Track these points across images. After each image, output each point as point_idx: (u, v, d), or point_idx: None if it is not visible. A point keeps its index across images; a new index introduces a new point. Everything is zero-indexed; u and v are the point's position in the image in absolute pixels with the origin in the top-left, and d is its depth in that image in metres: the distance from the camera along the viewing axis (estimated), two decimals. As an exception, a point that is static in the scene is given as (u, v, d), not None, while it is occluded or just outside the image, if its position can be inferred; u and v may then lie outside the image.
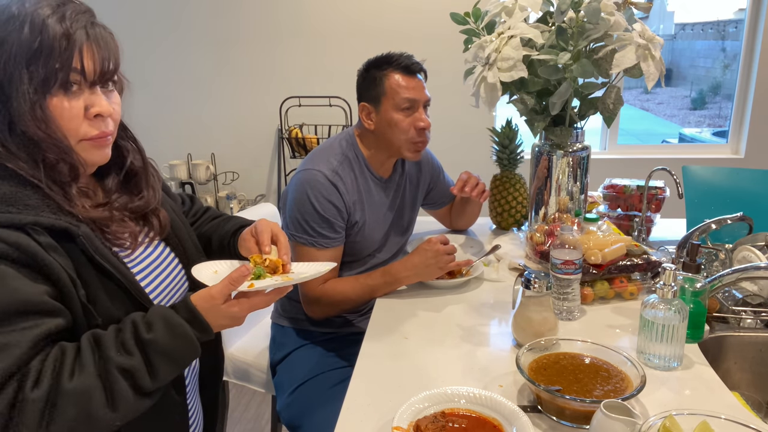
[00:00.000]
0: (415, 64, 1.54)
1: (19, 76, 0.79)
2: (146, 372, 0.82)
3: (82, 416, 0.76)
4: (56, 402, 0.74)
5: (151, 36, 3.24)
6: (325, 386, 1.46)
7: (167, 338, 0.84)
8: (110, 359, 0.79)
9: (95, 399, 0.77)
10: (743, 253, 1.38)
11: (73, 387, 0.76)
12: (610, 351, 1.03)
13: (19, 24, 0.79)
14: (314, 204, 1.46)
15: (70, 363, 0.77)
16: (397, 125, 1.52)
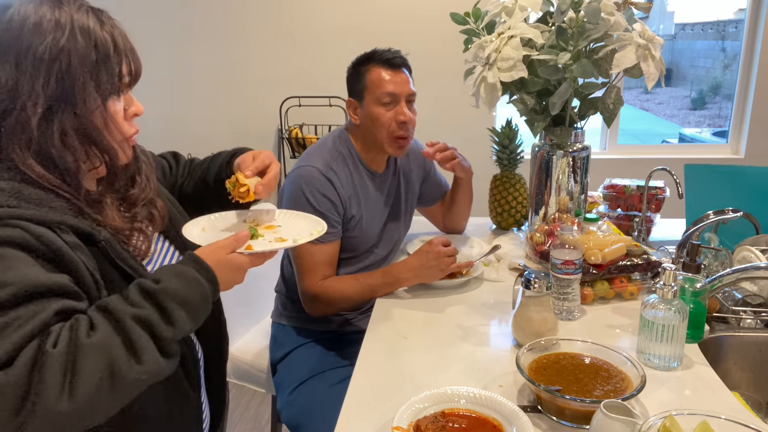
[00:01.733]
0: (398, 58, 1.53)
1: (83, 85, 0.82)
2: (161, 320, 0.80)
3: (106, 371, 0.74)
4: (77, 357, 0.72)
5: (151, 36, 3.24)
6: (325, 385, 1.46)
7: (176, 283, 0.83)
8: (123, 312, 0.78)
9: (116, 351, 0.75)
10: (743, 254, 1.38)
11: (92, 342, 0.74)
12: (610, 351, 1.03)
13: (69, 33, 0.81)
14: (309, 199, 1.47)
15: (85, 325, 0.76)
16: (378, 119, 1.52)
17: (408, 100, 1.55)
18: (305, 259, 1.49)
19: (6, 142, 0.81)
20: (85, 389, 0.71)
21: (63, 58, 0.80)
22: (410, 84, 1.55)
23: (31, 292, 0.73)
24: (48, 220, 0.79)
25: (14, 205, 0.77)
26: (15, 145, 0.81)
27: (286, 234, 1.06)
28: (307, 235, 1.04)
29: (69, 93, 0.81)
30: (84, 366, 0.72)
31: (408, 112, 1.53)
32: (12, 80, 0.79)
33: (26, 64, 0.79)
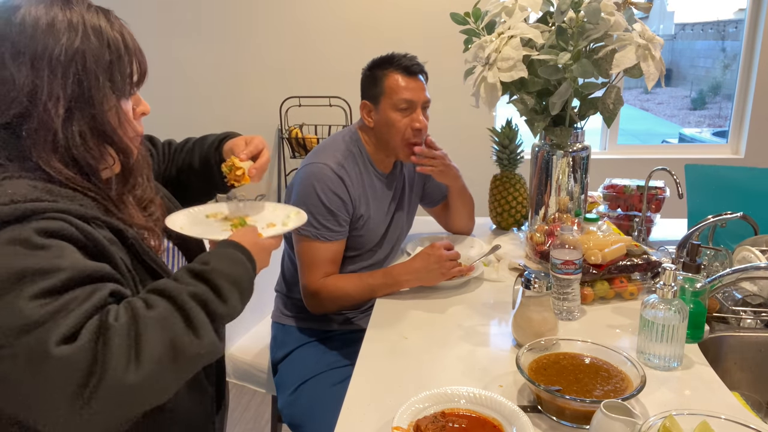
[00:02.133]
0: (416, 65, 1.54)
1: (99, 85, 0.83)
2: (216, 298, 0.82)
3: (168, 344, 0.74)
4: (139, 330, 0.73)
5: (151, 35, 3.24)
6: (326, 385, 1.46)
7: (225, 265, 0.86)
8: (179, 290, 0.80)
9: (176, 325, 0.76)
10: (743, 254, 1.38)
11: (152, 315, 0.75)
12: (610, 351, 1.03)
13: (83, 33, 0.82)
14: (320, 196, 1.47)
15: (140, 302, 0.77)
16: (394, 125, 1.53)
17: (423, 106, 1.56)
18: (309, 255, 1.49)
19: (30, 145, 0.81)
20: (150, 361, 0.72)
21: (78, 59, 0.81)
22: (426, 91, 1.56)
23: (83, 277, 0.74)
24: (86, 215, 0.80)
25: (52, 200, 0.77)
26: (40, 147, 0.81)
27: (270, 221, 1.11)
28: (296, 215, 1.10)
29: (86, 93, 0.82)
30: (147, 338, 0.73)
31: (423, 119, 1.55)
32: (29, 82, 0.79)
33: (42, 66, 0.79)
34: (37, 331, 0.67)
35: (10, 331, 0.67)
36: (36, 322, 0.67)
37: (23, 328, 0.67)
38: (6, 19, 0.79)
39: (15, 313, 0.67)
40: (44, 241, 0.72)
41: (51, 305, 0.69)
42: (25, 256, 0.70)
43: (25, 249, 0.70)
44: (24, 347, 0.67)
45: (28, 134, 0.80)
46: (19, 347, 0.67)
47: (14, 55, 0.79)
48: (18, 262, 0.69)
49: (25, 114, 0.80)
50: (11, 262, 0.69)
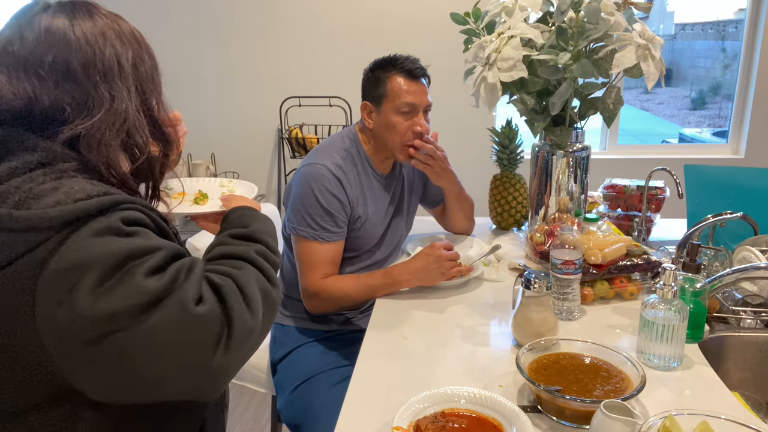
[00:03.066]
0: (419, 69, 1.54)
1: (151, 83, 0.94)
2: (269, 251, 0.93)
3: (262, 293, 0.84)
4: (241, 285, 0.81)
5: (151, 35, 3.23)
6: (325, 385, 1.46)
7: (260, 224, 0.98)
8: (245, 250, 0.90)
9: (260, 278, 0.86)
10: (743, 254, 1.38)
11: (243, 273, 0.84)
12: (610, 351, 1.03)
13: (127, 40, 0.89)
14: (318, 197, 1.47)
15: (224, 267, 0.85)
16: (395, 127, 1.53)
17: (425, 110, 1.56)
18: (308, 256, 1.49)
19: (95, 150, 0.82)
20: (257, 309, 0.82)
21: (139, 65, 0.89)
22: (428, 95, 1.56)
23: (176, 254, 0.80)
24: (145, 204, 0.84)
25: (117, 192, 0.80)
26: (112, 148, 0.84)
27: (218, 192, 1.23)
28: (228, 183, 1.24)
29: (145, 95, 0.90)
30: (250, 291, 0.82)
31: (424, 123, 1.55)
32: (106, 92, 0.83)
33: (114, 75, 0.85)
34: (169, 299, 0.73)
35: (139, 309, 0.71)
36: (162, 294, 0.73)
37: (153, 302, 0.72)
38: (63, 33, 0.81)
39: (139, 292, 0.71)
40: (131, 228, 0.76)
41: (165, 277, 0.74)
42: (123, 242, 0.73)
43: (119, 237, 0.74)
44: (162, 316, 0.72)
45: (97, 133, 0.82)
46: (157, 318, 0.71)
47: (85, 67, 0.82)
48: (121, 247, 0.73)
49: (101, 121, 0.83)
50: (114, 248, 0.72)
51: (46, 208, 0.71)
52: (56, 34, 0.81)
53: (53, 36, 0.81)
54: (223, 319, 0.76)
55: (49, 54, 0.80)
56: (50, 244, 0.70)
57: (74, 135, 0.81)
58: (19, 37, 0.81)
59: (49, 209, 0.71)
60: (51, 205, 0.72)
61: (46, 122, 0.81)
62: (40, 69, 0.80)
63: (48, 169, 0.78)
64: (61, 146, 0.81)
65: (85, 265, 0.70)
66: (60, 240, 0.71)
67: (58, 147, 0.80)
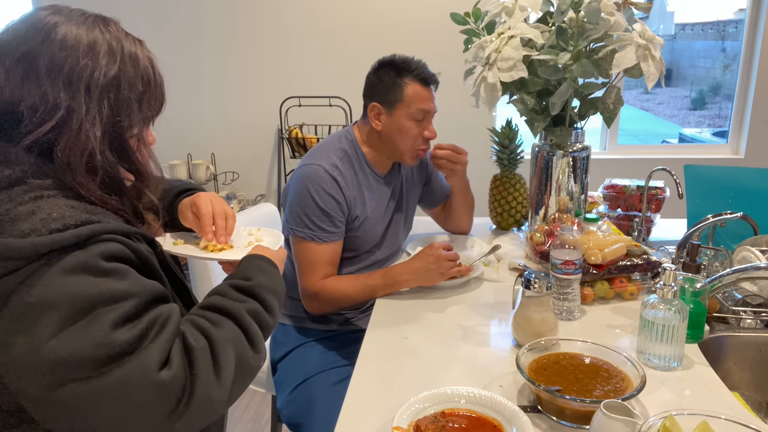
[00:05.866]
0: (433, 77, 1.56)
1: (130, 112, 0.84)
2: (264, 310, 0.89)
3: (237, 361, 0.80)
4: (215, 350, 0.78)
5: (151, 36, 3.23)
6: (325, 384, 1.46)
7: (265, 278, 0.93)
8: (236, 308, 0.85)
9: (241, 343, 0.82)
10: (743, 254, 1.38)
11: (224, 335, 0.81)
12: (610, 351, 1.03)
13: (121, 60, 0.82)
14: (314, 197, 1.47)
15: (207, 323, 0.82)
16: (407, 132, 1.55)
17: (433, 115, 1.59)
18: (306, 257, 1.49)
19: (65, 165, 0.79)
20: (227, 377, 0.78)
21: (115, 84, 0.81)
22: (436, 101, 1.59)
23: (151, 299, 0.77)
24: (129, 231, 0.80)
25: (97, 220, 0.76)
26: (75, 168, 0.80)
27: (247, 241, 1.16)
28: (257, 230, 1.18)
29: (117, 119, 0.83)
30: (223, 357, 0.78)
31: (434, 128, 1.59)
32: (64, 100, 0.78)
33: (80, 86, 0.79)
34: (133, 358, 0.70)
35: (99, 362, 0.68)
36: (127, 350, 0.70)
37: (115, 357, 0.69)
38: (45, 34, 0.78)
39: (104, 343, 0.68)
40: (109, 266, 0.73)
41: (134, 331, 0.71)
42: (96, 283, 0.70)
43: (94, 276, 0.71)
44: (122, 375, 0.69)
45: (63, 154, 0.79)
46: (116, 376, 0.68)
47: (50, 70, 0.78)
48: (91, 290, 0.69)
49: (58, 133, 0.79)
50: (83, 290, 0.69)
51: (19, 237, 0.69)
52: (39, 31, 0.79)
53: (35, 31, 0.79)
54: (186, 385, 0.73)
55: (22, 47, 0.78)
56: (19, 275, 0.68)
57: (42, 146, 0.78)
58: (12, 28, 0.80)
59: (21, 240, 0.68)
60: (26, 233, 0.70)
61: (9, 122, 0.78)
62: (9, 60, 0.78)
63: (27, 186, 0.76)
64: (36, 158, 0.78)
65: (51, 304, 0.67)
66: (29, 272, 0.68)
67: (33, 159, 0.78)
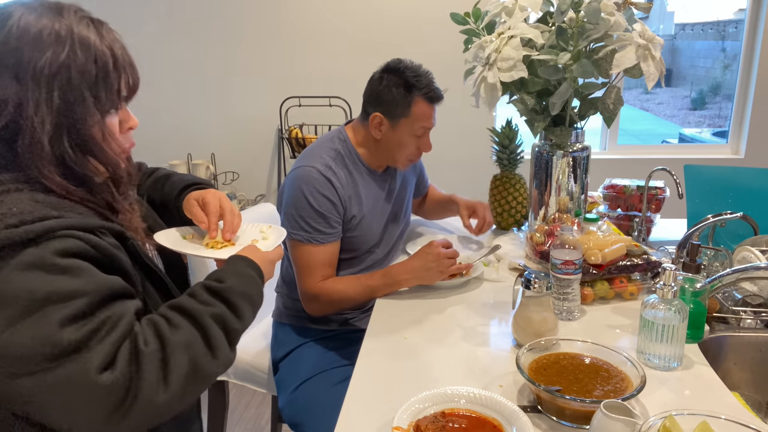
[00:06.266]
0: (440, 96, 1.57)
1: (83, 100, 0.82)
2: (231, 315, 0.87)
3: (191, 366, 0.79)
4: (167, 354, 0.78)
5: (151, 35, 3.24)
6: (326, 384, 1.46)
7: (238, 281, 0.91)
8: (200, 311, 0.84)
9: (198, 347, 0.81)
10: (743, 254, 1.38)
11: (179, 339, 0.80)
12: (610, 351, 1.03)
13: (70, 47, 0.80)
14: (309, 199, 1.47)
15: (166, 324, 0.81)
16: (406, 147, 1.58)
17: None
18: (305, 259, 1.49)
19: (28, 158, 0.80)
20: (176, 383, 0.77)
21: (63, 73, 0.80)
22: None
23: (105, 297, 0.77)
24: (91, 225, 0.80)
25: (57, 216, 0.76)
26: (37, 160, 0.80)
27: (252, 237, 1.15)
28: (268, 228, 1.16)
29: (70, 108, 0.81)
30: (174, 362, 0.78)
31: (430, 143, 1.63)
32: (13, 93, 0.78)
33: (26, 78, 0.78)
34: (76, 358, 0.70)
35: (45, 358, 0.69)
36: (72, 349, 0.70)
37: (60, 355, 0.69)
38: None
39: (50, 341, 0.69)
40: (64, 262, 0.73)
41: (82, 330, 0.72)
42: (48, 281, 0.71)
43: (48, 273, 0.71)
44: (64, 374, 0.70)
45: (22, 148, 0.79)
46: (59, 374, 0.70)
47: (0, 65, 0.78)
48: (42, 287, 0.70)
49: (15, 127, 0.79)
50: (35, 287, 0.70)
51: None
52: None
53: None
54: (130, 388, 0.73)
55: None
56: None
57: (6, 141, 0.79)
58: None
59: None
60: None
61: None
62: None
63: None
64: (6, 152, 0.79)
65: (4, 299, 0.69)
66: None
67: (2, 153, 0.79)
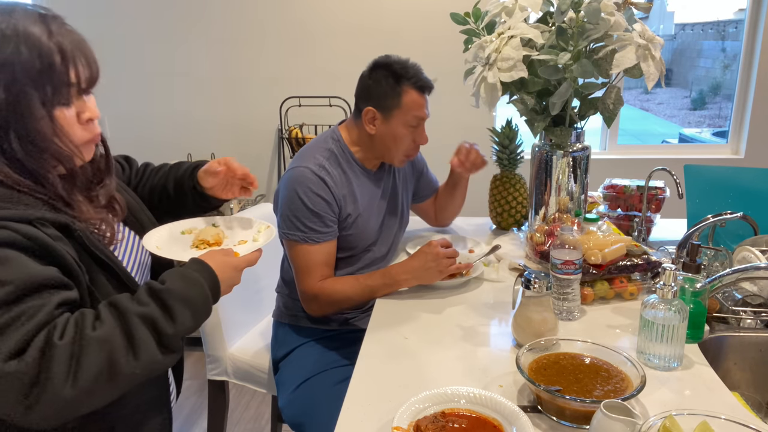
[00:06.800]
0: (430, 84, 1.57)
1: (26, 96, 0.84)
2: (164, 317, 0.87)
3: (106, 364, 0.80)
4: (81, 349, 0.79)
5: (151, 36, 3.24)
6: (326, 384, 1.46)
7: (182, 286, 0.91)
8: (128, 309, 0.85)
9: (117, 346, 0.82)
10: (743, 254, 1.38)
11: (96, 335, 0.81)
12: (610, 351, 1.03)
13: (15, 45, 0.83)
14: (303, 199, 1.47)
15: (91, 319, 0.83)
16: (401, 139, 1.56)
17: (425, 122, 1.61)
18: (302, 260, 1.49)
19: None
20: (87, 379, 0.78)
21: (7, 70, 0.82)
22: None
23: (30, 288, 0.78)
24: (29, 217, 0.83)
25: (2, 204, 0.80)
26: None
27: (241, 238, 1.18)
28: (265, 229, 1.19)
29: (15, 104, 0.83)
30: (86, 358, 0.79)
31: (426, 135, 1.61)
32: None
33: None
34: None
35: None
36: None
37: None
38: None
39: None
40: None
41: (3, 318, 0.75)
42: None
43: None
44: None
45: None
46: None
47: None
48: None
49: None
50: None
51: None
52: None
53: None
54: (37, 380, 0.75)
55: None
56: None
57: None
58: None
59: None
60: None
61: None
62: None
63: None
64: None
65: None
66: None
67: None
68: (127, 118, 3.31)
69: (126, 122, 3.31)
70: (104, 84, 0.95)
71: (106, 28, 3.19)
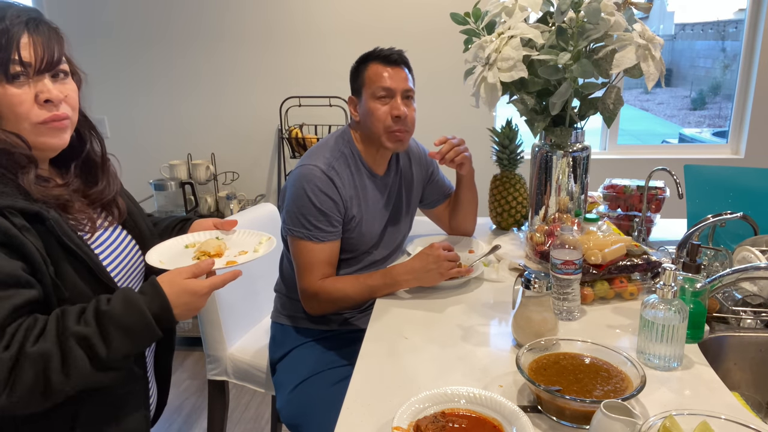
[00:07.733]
0: (395, 54, 1.55)
1: None
2: (101, 341, 0.89)
3: (40, 379, 0.85)
4: (20, 364, 0.84)
5: (151, 36, 3.24)
6: (325, 384, 1.46)
7: (122, 311, 0.92)
8: (68, 328, 0.88)
9: (52, 363, 0.86)
10: (743, 254, 1.38)
11: (34, 351, 0.85)
12: (610, 351, 1.03)
13: None
14: (311, 197, 1.47)
15: (36, 331, 0.87)
16: (373, 113, 1.54)
17: (405, 96, 1.55)
18: (305, 257, 1.49)
19: None
20: (21, 391, 0.84)
21: None
22: (408, 81, 1.56)
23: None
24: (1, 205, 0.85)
25: None
26: None
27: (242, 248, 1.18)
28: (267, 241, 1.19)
29: None
30: (23, 373, 0.84)
31: (402, 106, 1.53)
32: None
33: None
34: None
35: None
36: None
37: None
38: None
39: None
40: None
41: None
42: None
43: None
44: None
45: None
46: None
47: None
48: None
49: None
50: None
51: None
52: None
53: None
54: None
55: None
56: None
57: None
58: None
59: None
60: None
61: None
62: None
63: None
64: None
65: None
66: None
67: None
68: (127, 119, 3.31)
69: (126, 122, 3.31)
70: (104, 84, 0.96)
71: (106, 28, 3.20)
